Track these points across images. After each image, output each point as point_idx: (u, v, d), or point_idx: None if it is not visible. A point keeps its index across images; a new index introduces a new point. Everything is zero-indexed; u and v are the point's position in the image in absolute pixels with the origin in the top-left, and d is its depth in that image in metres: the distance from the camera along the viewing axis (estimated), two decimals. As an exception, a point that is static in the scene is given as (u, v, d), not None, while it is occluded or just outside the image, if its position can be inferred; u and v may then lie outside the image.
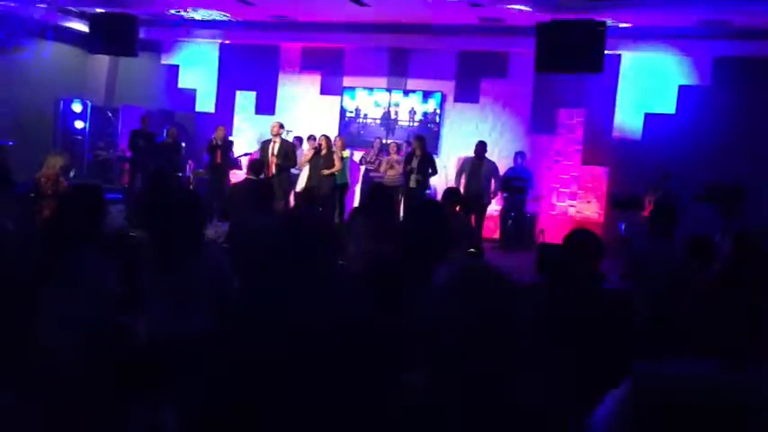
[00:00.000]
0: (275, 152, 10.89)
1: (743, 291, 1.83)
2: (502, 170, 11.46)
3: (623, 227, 10.10)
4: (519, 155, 11.57)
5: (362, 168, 11.96)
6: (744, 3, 8.38)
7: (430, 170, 10.86)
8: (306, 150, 12.13)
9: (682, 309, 3.48)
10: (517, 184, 11.30)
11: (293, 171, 11.99)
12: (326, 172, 11.07)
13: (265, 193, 5.79)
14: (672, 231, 5.01)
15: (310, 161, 11.37)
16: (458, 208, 7.10)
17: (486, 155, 11.02)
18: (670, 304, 3.51)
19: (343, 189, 11.53)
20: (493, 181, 10.99)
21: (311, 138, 12.11)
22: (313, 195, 9.87)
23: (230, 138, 12.77)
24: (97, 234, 3.61)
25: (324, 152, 11.12)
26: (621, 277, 4.98)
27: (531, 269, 8.44)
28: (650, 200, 9.77)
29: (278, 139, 11.00)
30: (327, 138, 11.36)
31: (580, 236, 3.31)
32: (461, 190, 9.79)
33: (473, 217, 10.12)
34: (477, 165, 10.79)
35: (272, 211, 5.93)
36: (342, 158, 11.34)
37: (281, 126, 11.24)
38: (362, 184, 11.88)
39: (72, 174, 11.52)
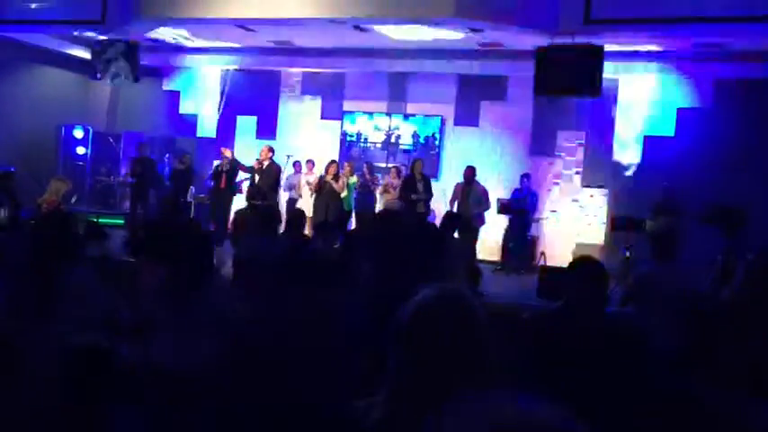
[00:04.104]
0: (261, 175, 11.14)
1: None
2: (504, 192, 11.50)
3: (626, 250, 10.09)
4: (525, 176, 11.54)
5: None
6: (742, 25, 8.44)
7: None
8: (304, 173, 12.15)
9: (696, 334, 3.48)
10: (517, 206, 11.31)
11: (292, 196, 12.05)
12: (328, 179, 11.09)
13: (269, 219, 5.80)
14: (674, 254, 5.02)
15: (316, 190, 11.37)
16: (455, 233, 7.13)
17: (488, 178, 11.04)
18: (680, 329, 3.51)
19: (346, 216, 11.54)
20: (483, 204, 10.98)
21: (309, 162, 12.14)
22: (324, 226, 9.94)
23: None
24: (77, 255, 3.66)
25: (329, 179, 11.15)
26: (622, 301, 4.97)
27: (532, 292, 8.45)
28: (650, 226, 9.76)
29: (266, 162, 11.13)
30: (336, 164, 11.38)
31: (584, 262, 3.32)
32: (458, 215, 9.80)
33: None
34: (466, 189, 10.82)
35: (276, 236, 5.94)
36: (348, 185, 11.36)
37: (271, 149, 11.36)
38: (356, 207, 11.85)
39: (74, 200, 11.59)
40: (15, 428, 2.13)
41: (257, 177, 11.22)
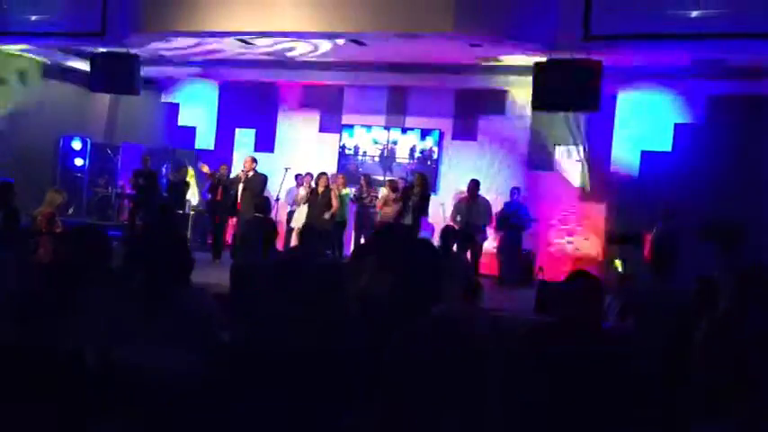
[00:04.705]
0: (245, 185, 11.14)
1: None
2: (499, 205, 11.53)
3: (623, 264, 10.09)
4: (515, 190, 11.60)
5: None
6: (736, 42, 8.49)
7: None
8: (302, 187, 12.18)
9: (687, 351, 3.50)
10: (514, 221, 11.33)
11: (293, 209, 12.07)
12: (327, 216, 11.12)
13: (267, 232, 5.81)
14: (672, 270, 5.02)
15: (308, 201, 11.40)
16: (454, 247, 7.12)
17: (485, 192, 11.06)
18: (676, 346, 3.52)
19: (341, 227, 11.54)
20: (487, 218, 11.00)
21: (308, 175, 12.17)
22: (312, 232, 9.89)
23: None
24: (106, 272, 3.66)
25: (321, 190, 11.16)
26: (620, 316, 4.97)
27: (530, 307, 8.44)
28: (649, 237, 9.76)
29: (251, 173, 11.14)
30: (325, 176, 11.39)
31: (580, 278, 3.32)
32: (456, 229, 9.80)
33: (468, 255, 10.15)
34: (470, 203, 10.83)
35: (273, 249, 5.94)
36: (340, 197, 11.37)
37: (254, 160, 11.41)
38: (355, 221, 11.85)
39: (70, 211, 11.59)
40: None
41: (240, 188, 11.23)
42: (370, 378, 2.54)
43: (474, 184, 10.96)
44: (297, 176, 12.45)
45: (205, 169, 11.65)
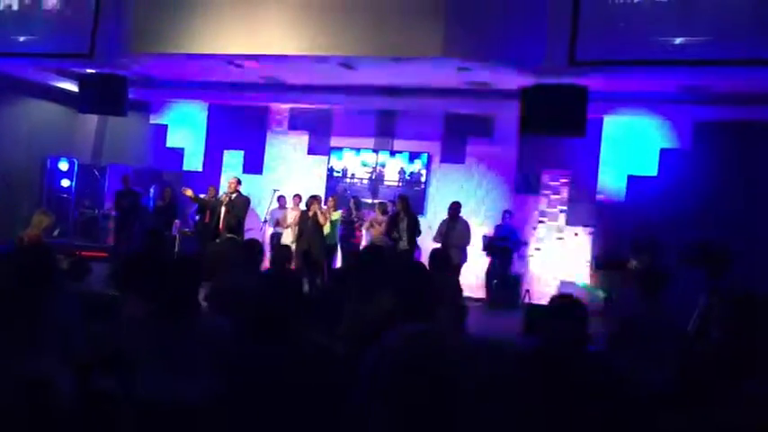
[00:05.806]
0: (228, 207, 11.14)
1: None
2: (489, 229, 11.54)
3: (610, 289, 10.12)
4: (506, 213, 11.67)
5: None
6: (721, 69, 8.60)
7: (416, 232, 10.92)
8: (290, 209, 12.15)
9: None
10: (501, 244, 11.35)
11: (277, 231, 12.05)
12: (310, 214, 11.05)
13: (249, 253, 5.75)
14: (660, 294, 5.01)
15: (299, 223, 11.37)
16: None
17: (473, 214, 11.08)
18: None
19: (331, 250, 11.50)
20: (465, 240, 11.01)
21: (296, 196, 12.14)
22: (311, 260, 9.99)
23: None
24: (57, 286, 3.64)
25: (311, 213, 11.15)
26: (608, 341, 4.95)
27: (518, 330, 8.42)
28: (634, 264, 9.76)
29: (233, 195, 11.20)
30: (316, 199, 11.36)
31: (564, 301, 3.31)
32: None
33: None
34: (451, 225, 10.86)
35: (256, 270, 5.88)
36: (331, 221, 11.33)
37: (239, 182, 11.40)
38: (342, 243, 11.81)
39: (56, 233, 11.48)
40: None
41: (223, 210, 11.17)
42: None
43: (455, 206, 10.98)
44: (279, 198, 12.43)
45: (188, 193, 11.60)
